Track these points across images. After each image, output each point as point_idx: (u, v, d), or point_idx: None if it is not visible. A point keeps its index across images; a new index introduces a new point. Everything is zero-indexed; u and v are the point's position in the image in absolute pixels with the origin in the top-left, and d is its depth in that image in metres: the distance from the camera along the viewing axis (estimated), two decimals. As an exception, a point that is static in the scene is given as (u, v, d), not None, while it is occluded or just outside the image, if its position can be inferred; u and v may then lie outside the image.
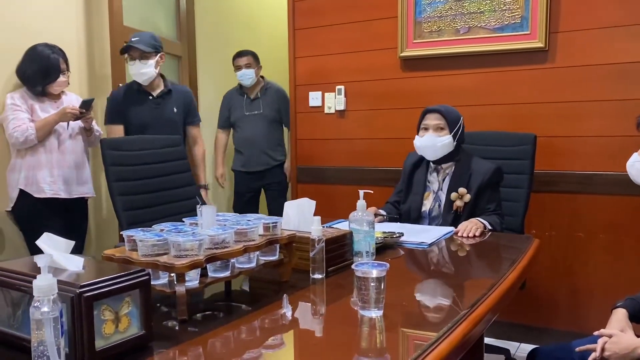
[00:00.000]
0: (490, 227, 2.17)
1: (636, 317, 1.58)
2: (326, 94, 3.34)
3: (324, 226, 1.70)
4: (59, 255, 1.03)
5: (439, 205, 2.30)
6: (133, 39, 2.86)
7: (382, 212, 2.37)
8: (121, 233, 1.31)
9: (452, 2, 2.91)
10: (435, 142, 2.26)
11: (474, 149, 2.54)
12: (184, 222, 1.50)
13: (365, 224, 1.64)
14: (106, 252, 1.29)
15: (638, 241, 2.61)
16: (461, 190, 2.23)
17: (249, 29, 4.45)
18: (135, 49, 2.84)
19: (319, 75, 3.35)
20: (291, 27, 3.42)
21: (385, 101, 3.17)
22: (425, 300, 1.48)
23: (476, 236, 2.07)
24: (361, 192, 1.70)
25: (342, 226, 1.86)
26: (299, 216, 1.68)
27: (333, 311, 1.35)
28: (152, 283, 1.19)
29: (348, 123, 3.31)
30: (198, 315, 1.26)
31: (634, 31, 2.55)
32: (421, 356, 1.03)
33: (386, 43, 3.12)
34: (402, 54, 3.06)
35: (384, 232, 1.96)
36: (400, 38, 3.05)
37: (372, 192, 1.76)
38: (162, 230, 1.34)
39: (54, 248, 1.05)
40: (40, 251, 1.07)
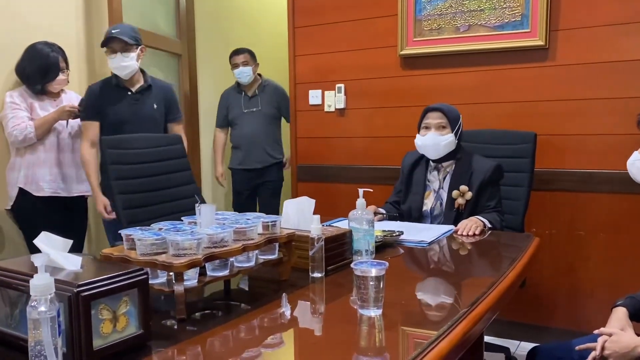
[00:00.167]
0: (490, 225, 2.17)
1: (636, 316, 1.57)
2: (326, 92, 3.33)
3: (323, 225, 1.69)
4: (56, 254, 1.03)
5: (441, 204, 2.29)
6: (113, 31, 2.70)
7: (382, 211, 2.37)
8: (119, 232, 1.31)
9: (452, 0, 2.90)
10: (439, 141, 2.25)
11: (475, 147, 2.53)
12: (182, 221, 1.50)
13: (365, 222, 1.64)
14: (104, 251, 1.29)
15: (638, 239, 2.61)
16: (463, 187, 2.23)
17: (248, 27, 4.44)
18: (117, 40, 2.67)
19: (319, 73, 3.35)
20: (291, 25, 3.41)
21: (386, 99, 3.17)
22: (425, 299, 1.48)
23: (476, 234, 2.07)
24: (360, 190, 1.70)
25: (342, 225, 1.85)
26: (299, 215, 1.68)
27: (332, 310, 1.34)
28: (151, 282, 1.19)
29: (348, 121, 3.30)
30: (197, 314, 1.26)
31: (634, 29, 2.54)
32: (421, 355, 1.03)
33: (386, 41, 3.11)
34: (402, 52, 3.05)
35: (384, 231, 1.96)
36: (400, 36, 3.04)
37: (371, 190, 1.76)
38: (160, 229, 1.33)
39: (51, 247, 1.05)
40: (39, 250, 1.06)
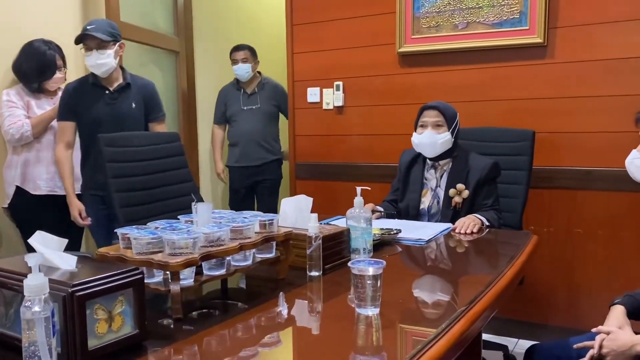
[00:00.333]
0: (488, 223, 2.17)
1: (634, 314, 1.57)
2: (324, 90, 3.32)
3: (321, 223, 1.69)
4: (51, 254, 1.02)
5: (438, 202, 2.29)
6: (88, 27, 2.54)
7: (380, 209, 2.36)
8: (115, 231, 1.30)
9: (451, -3, 2.90)
10: (436, 139, 2.25)
11: (473, 145, 2.53)
12: (179, 219, 1.49)
13: (363, 220, 1.63)
14: (100, 250, 1.28)
15: (636, 237, 2.60)
16: (459, 186, 2.22)
17: (246, 25, 4.43)
18: (92, 37, 2.52)
19: (317, 71, 3.34)
20: (289, 23, 3.40)
21: (384, 97, 3.16)
22: (422, 298, 1.47)
23: (474, 232, 2.07)
24: (358, 189, 1.69)
25: (340, 223, 1.85)
26: (296, 213, 1.67)
27: (330, 309, 1.34)
28: (147, 281, 1.18)
29: (346, 119, 3.29)
30: (194, 313, 1.26)
31: (632, 26, 2.54)
32: (419, 354, 1.03)
33: (384, 39, 3.10)
34: (400, 50, 3.04)
35: (382, 229, 1.95)
36: (398, 34, 3.03)
37: (369, 188, 1.75)
38: (156, 228, 1.33)
39: (46, 246, 1.04)
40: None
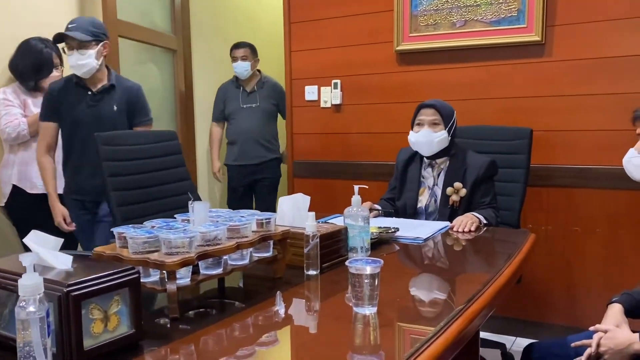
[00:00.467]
0: (485, 222, 2.17)
1: (632, 313, 1.57)
2: (322, 88, 3.32)
3: (319, 221, 1.68)
4: (46, 253, 1.01)
5: (435, 201, 2.29)
6: (69, 26, 2.42)
7: (378, 207, 2.36)
8: (112, 230, 1.29)
9: (449, -5, 2.90)
10: (432, 138, 2.24)
11: (470, 143, 2.52)
12: (175, 218, 1.48)
13: (360, 219, 1.63)
14: (97, 249, 1.27)
15: (634, 235, 2.61)
16: (457, 184, 2.22)
17: (244, 23, 4.42)
18: (71, 37, 2.39)
19: (315, 69, 3.33)
20: (287, 21, 3.39)
21: (382, 95, 3.15)
22: (420, 296, 1.47)
23: (472, 231, 2.06)
24: (356, 187, 1.69)
25: (338, 221, 1.84)
26: (294, 212, 1.67)
27: (328, 307, 1.34)
28: (143, 281, 1.18)
29: (344, 117, 3.29)
30: (190, 312, 1.25)
31: (630, 24, 2.54)
32: (417, 353, 1.03)
33: (382, 37, 3.09)
34: (398, 48, 3.04)
35: (379, 227, 1.95)
36: (396, 32, 3.02)
37: (366, 187, 1.75)
38: (153, 227, 1.32)
39: (42, 245, 1.03)
40: (31, 249, 1.05)
